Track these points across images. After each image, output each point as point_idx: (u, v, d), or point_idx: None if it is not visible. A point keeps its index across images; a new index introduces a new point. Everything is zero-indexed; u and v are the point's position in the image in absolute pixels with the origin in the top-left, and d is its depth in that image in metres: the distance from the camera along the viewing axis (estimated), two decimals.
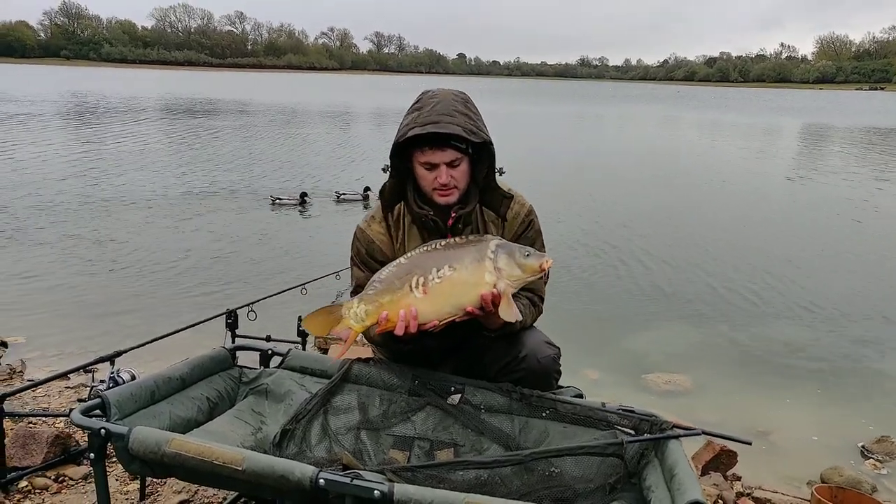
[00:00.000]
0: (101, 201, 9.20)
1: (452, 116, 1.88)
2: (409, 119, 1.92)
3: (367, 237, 2.08)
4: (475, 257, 1.82)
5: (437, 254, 1.86)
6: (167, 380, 1.97)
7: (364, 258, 2.08)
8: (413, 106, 1.96)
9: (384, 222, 2.08)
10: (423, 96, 1.97)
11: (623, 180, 13.47)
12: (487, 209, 2.08)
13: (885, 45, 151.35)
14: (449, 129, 1.85)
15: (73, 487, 2.39)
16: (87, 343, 4.46)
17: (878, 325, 5.53)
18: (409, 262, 1.88)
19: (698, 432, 1.87)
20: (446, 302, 1.84)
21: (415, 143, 1.93)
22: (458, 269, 1.82)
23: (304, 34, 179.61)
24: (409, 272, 1.86)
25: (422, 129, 1.86)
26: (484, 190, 2.05)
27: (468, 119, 1.91)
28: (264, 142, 17.53)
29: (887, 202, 11.55)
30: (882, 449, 3.48)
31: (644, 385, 4.22)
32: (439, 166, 1.92)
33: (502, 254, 1.82)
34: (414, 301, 1.84)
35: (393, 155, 1.98)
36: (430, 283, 1.83)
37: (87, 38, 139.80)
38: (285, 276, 5.84)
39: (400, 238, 2.07)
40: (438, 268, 1.83)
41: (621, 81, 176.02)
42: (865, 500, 2.23)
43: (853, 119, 37.92)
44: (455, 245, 1.87)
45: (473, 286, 1.81)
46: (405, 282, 1.85)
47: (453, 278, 1.82)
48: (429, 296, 1.83)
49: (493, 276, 1.81)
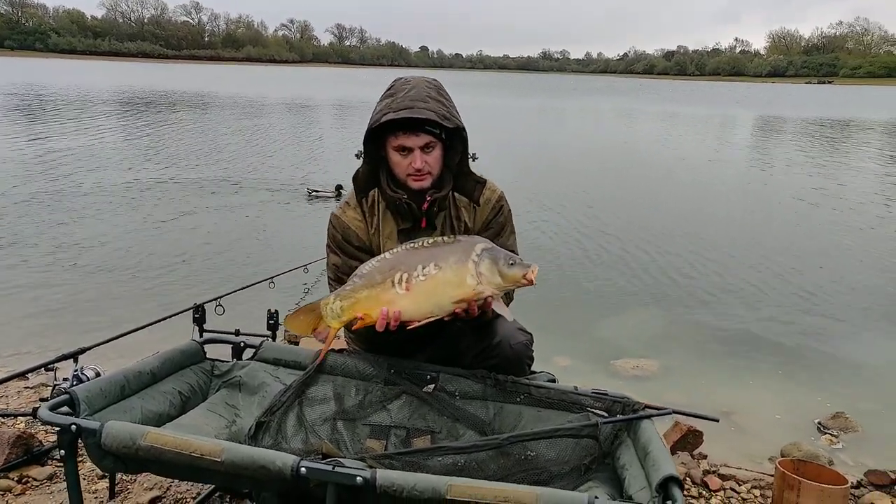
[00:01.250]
0: (56, 197, 8.89)
1: (426, 102, 1.90)
2: (382, 105, 1.93)
3: (343, 223, 2.08)
4: (459, 258, 1.81)
5: (424, 251, 1.85)
6: (137, 374, 1.94)
7: (340, 243, 2.08)
8: (386, 92, 1.97)
9: (359, 208, 2.09)
10: (396, 83, 1.99)
11: (586, 170, 13.66)
12: (460, 195, 2.10)
13: (832, 39, 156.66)
14: (423, 115, 1.87)
15: (37, 488, 2.33)
16: (45, 342, 4.31)
17: (834, 306, 5.76)
18: (394, 257, 1.87)
19: (669, 412, 1.93)
20: (427, 300, 1.83)
21: (388, 129, 1.93)
22: (443, 268, 1.81)
23: (263, 26, 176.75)
24: (392, 268, 1.85)
25: (396, 114, 1.87)
26: (457, 176, 2.07)
27: (441, 105, 1.93)
28: (226, 135, 17.18)
29: (841, 188, 11.98)
30: (837, 424, 3.63)
31: (613, 370, 4.30)
32: (413, 151, 1.94)
33: (486, 258, 1.81)
34: (396, 297, 1.83)
35: (366, 141, 1.98)
36: (415, 281, 1.82)
37: (32, 27, 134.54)
38: (253, 271, 5.75)
39: (375, 224, 2.07)
40: (424, 265, 1.82)
41: (583, 74, 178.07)
42: (825, 471, 2.33)
43: (804, 111, 39.16)
44: (442, 244, 1.86)
45: (456, 287, 1.81)
46: (387, 277, 1.84)
47: (437, 277, 1.81)
48: (411, 293, 1.82)
49: (474, 279, 1.80)
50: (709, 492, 2.63)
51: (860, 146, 20.41)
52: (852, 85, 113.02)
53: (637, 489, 1.61)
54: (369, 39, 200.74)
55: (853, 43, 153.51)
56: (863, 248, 7.86)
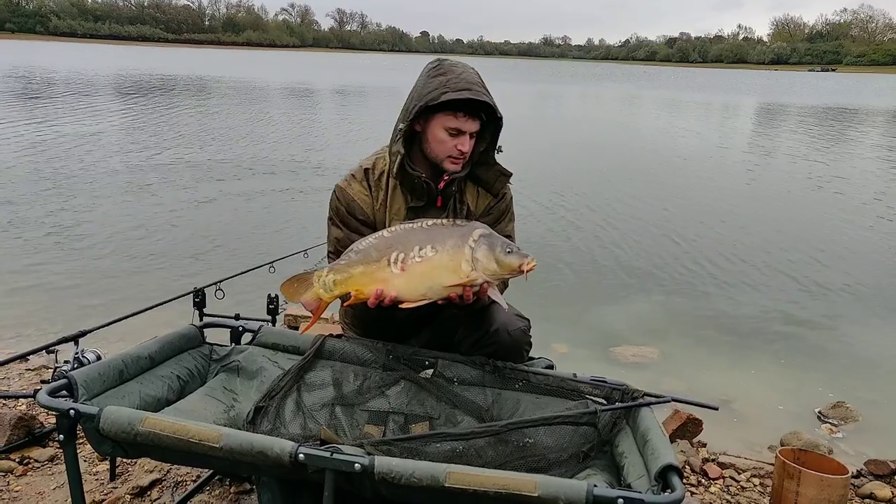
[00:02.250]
0: (58, 179, 8.85)
1: (480, 87, 1.89)
2: (436, 82, 1.89)
3: (348, 195, 2.05)
4: (456, 243, 1.79)
5: (422, 232, 1.82)
6: (136, 359, 1.93)
7: (343, 216, 2.05)
8: (433, 71, 1.94)
9: (365, 181, 2.06)
10: (443, 64, 1.96)
11: (587, 156, 13.59)
12: (477, 184, 2.09)
13: (836, 27, 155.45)
14: (482, 98, 1.87)
15: (38, 470, 2.34)
16: (46, 324, 4.32)
17: (835, 294, 5.75)
18: (392, 236, 1.84)
19: (668, 400, 1.92)
20: (421, 283, 1.81)
21: (439, 108, 1.90)
22: (440, 251, 1.79)
23: (263, 10, 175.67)
24: (389, 246, 1.82)
25: (457, 94, 1.85)
26: (478, 164, 2.06)
27: (489, 93, 1.93)
28: (226, 119, 17.10)
29: (844, 176, 11.93)
30: (837, 414, 3.64)
31: (612, 357, 4.30)
32: (465, 134, 1.92)
33: (483, 245, 1.78)
34: (390, 276, 1.81)
35: (412, 117, 1.92)
36: (410, 262, 1.80)
37: (32, 10, 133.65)
38: (253, 255, 5.74)
39: (381, 199, 2.05)
40: (421, 247, 1.80)
41: (584, 61, 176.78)
42: (825, 460, 2.33)
43: (807, 99, 38.94)
44: (441, 226, 1.84)
45: (451, 271, 1.79)
46: (383, 255, 1.82)
47: (432, 260, 1.79)
48: (406, 273, 1.80)
49: (469, 265, 1.78)
50: (708, 480, 2.63)
51: (865, 134, 20.31)
52: (856, 73, 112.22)
53: (636, 477, 1.61)
54: (370, 24, 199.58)
55: (857, 30, 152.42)
56: (866, 236, 7.85)
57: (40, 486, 2.25)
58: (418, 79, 1.96)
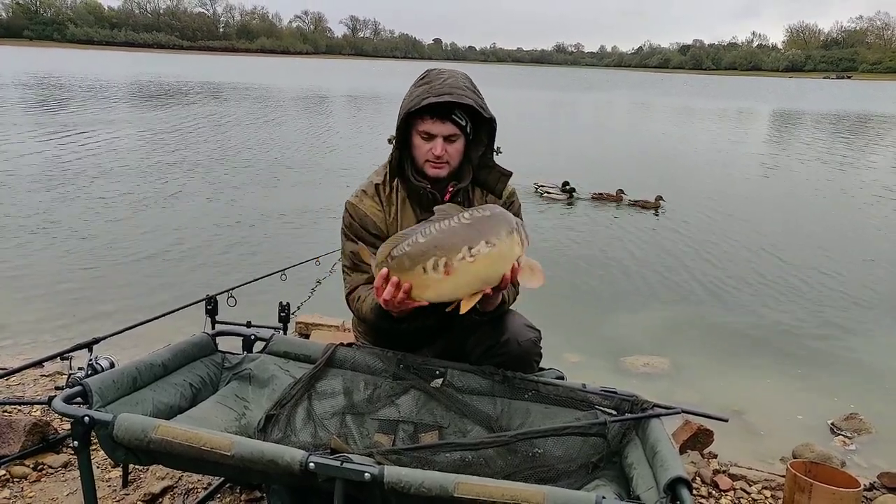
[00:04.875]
0: (73, 186, 8.98)
1: (464, 90, 1.94)
2: (420, 90, 1.95)
3: (360, 211, 2.08)
4: (507, 230, 1.74)
5: (463, 230, 1.72)
6: (149, 366, 1.95)
7: (357, 231, 2.08)
8: (421, 80, 2.00)
9: (376, 196, 2.09)
10: (430, 73, 2.02)
11: (599, 163, 13.57)
12: (480, 187, 2.12)
13: (851, 34, 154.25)
14: (463, 100, 1.91)
15: (52, 476, 2.36)
16: (61, 331, 4.37)
17: (849, 305, 5.69)
18: (427, 241, 1.73)
19: (678, 411, 1.92)
20: (476, 279, 1.73)
21: (417, 115, 1.96)
22: (498, 244, 1.72)
23: (277, 17, 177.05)
24: (423, 253, 1.72)
25: (437, 98, 1.90)
26: (479, 168, 2.09)
27: (476, 95, 1.97)
28: (240, 125, 17.24)
29: (863, 184, 11.82)
30: (850, 426, 3.60)
31: (623, 368, 4.28)
32: (436, 138, 1.96)
33: (521, 225, 1.81)
34: (429, 282, 1.73)
35: (399, 126, 1.99)
36: (457, 263, 1.70)
37: (50, 18, 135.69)
38: (265, 262, 5.78)
39: (393, 213, 2.08)
40: (471, 245, 1.70)
41: (597, 68, 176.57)
42: (837, 473, 2.31)
43: (825, 106, 38.62)
44: (479, 219, 1.74)
45: (509, 260, 1.75)
46: (416, 263, 1.73)
47: (492, 254, 1.71)
48: (454, 275, 1.71)
49: (520, 247, 1.77)
50: (719, 492, 2.61)
51: (884, 143, 20.11)
52: (872, 80, 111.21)
53: (645, 489, 1.60)
54: (383, 31, 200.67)
55: (873, 37, 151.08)
56: (879, 246, 7.76)
57: (54, 492, 2.27)
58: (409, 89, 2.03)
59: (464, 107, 1.96)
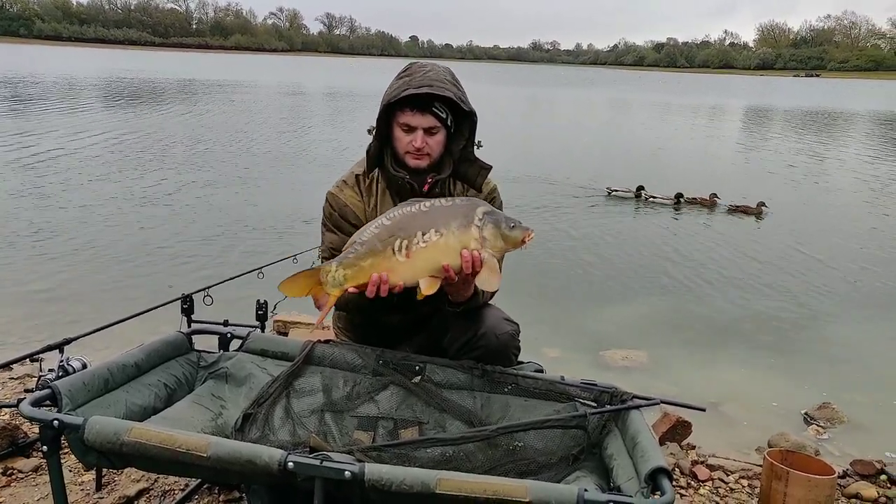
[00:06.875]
0: (43, 185, 8.77)
1: (444, 83, 1.94)
2: (400, 83, 1.95)
3: (340, 201, 2.08)
4: (462, 223, 1.77)
5: (422, 216, 1.79)
6: (122, 367, 1.91)
7: (337, 221, 2.08)
8: (402, 73, 2.00)
9: (356, 187, 2.09)
10: (413, 66, 2.03)
11: (575, 158, 13.65)
12: (461, 181, 2.12)
13: (820, 33, 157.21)
14: (442, 92, 1.91)
15: (22, 480, 2.30)
16: (30, 332, 4.27)
17: (821, 296, 5.81)
18: (392, 223, 1.81)
19: (657, 402, 1.92)
20: (427, 266, 1.78)
21: (397, 107, 1.96)
22: (445, 234, 1.76)
23: (251, 14, 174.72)
24: (391, 234, 1.79)
25: (416, 90, 1.90)
26: (460, 161, 2.09)
27: (457, 89, 1.97)
28: (213, 123, 17.01)
29: (832, 176, 12.05)
30: (823, 415, 3.67)
31: (602, 361, 4.31)
32: (417, 130, 1.96)
33: (489, 222, 1.78)
34: (397, 265, 1.78)
35: (380, 117, 1.99)
36: (415, 248, 1.76)
37: (16, 13, 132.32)
38: (241, 260, 5.71)
39: (372, 203, 2.08)
40: (424, 231, 1.77)
41: (573, 66, 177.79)
42: (812, 461, 2.35)
43: (793, 102, 39.35)
44: (441, 207, 1.81)
45: (454, 251, 1.77)
46: (387, 245, 1.78)
47: (438, 244, 1.76)
48: (411, 260, 1.77)
49: (477, 243, 1.77)
50: (697, 482, 2.64)
51: (853, 137, 20.55)
52: (839, 78, 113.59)
53: (625, 479, 1.61)
54: (359, 29, 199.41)
55: (841, 36, 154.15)
56: (850, 238, 7.93)
57: (24, 497, 2.21)
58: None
59: (444, 100, 1.95)
